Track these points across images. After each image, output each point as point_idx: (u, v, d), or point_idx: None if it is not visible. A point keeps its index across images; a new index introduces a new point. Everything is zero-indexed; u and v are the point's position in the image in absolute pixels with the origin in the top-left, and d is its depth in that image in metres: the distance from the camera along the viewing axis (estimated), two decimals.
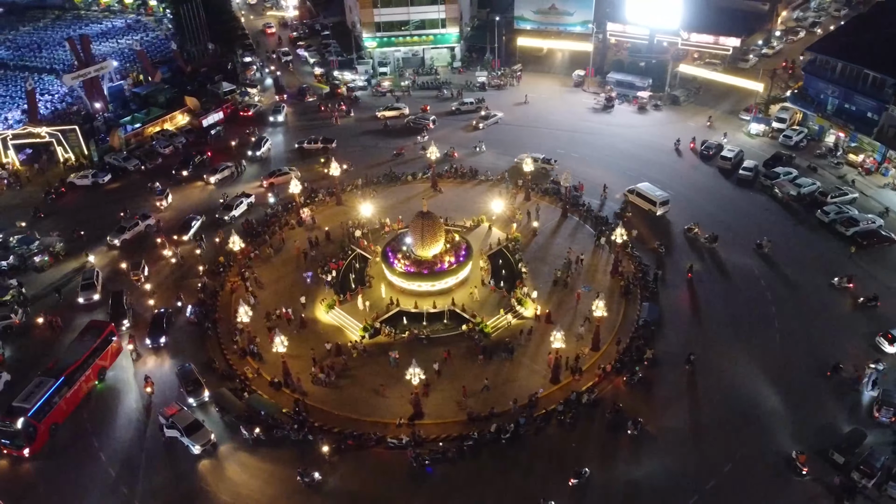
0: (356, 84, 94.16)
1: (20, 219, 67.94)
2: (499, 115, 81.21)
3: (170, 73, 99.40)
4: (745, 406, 45.28)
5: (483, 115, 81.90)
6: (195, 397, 47.12)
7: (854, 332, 50.49)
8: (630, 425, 43.40)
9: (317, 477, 41.16)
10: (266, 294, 56.76)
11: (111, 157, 78.25)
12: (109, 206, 69.77)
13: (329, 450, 42.70)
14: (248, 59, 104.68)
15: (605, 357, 49.40)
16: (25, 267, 61.67)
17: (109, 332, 50.42)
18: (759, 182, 68.68)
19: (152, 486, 42.04)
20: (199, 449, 43.37)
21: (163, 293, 57.06)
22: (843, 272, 55.98)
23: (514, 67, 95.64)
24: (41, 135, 78.17)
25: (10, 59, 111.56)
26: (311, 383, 48.27)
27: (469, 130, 79.74)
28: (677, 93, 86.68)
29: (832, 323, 51.58)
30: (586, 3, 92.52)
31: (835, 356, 48.01)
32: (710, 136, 77.12)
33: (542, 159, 71.47)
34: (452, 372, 48.70)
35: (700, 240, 60.64)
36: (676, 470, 41.45)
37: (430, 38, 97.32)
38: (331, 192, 68.59)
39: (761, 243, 58.97)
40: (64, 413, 45.88)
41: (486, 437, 43.55)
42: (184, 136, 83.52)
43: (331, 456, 42.58)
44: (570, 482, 40.44)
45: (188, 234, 63.50)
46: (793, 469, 40.83)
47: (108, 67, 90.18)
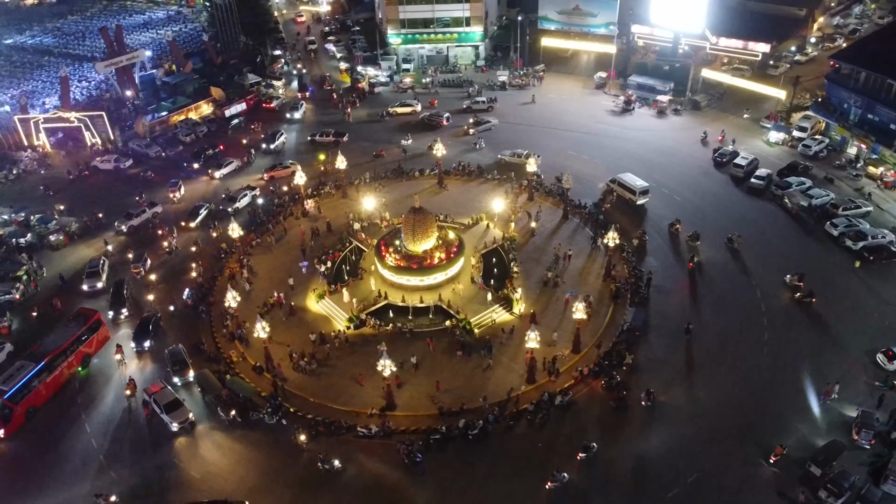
0: (378, 80, 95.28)
1: (44, 199, 71.09)
2: (493, 122, 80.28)
3: (201, 64, 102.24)
4: (722, 416, 44.57)
5: (475, 120, 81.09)
6: (180, 377, 48.75)
7: (845, 348, 49.05)
8: (643, 396, 44.75)
9: (336, 464, 41.76)
10: (261, 282, 58.13)
11: (134, 143, 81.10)
12: (128, 190, 72.27)
13: (307, 438, 43.39)
14: (277, 52, 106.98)
15: (585, 360, 49.14)
16: (42, 245, 64.46)
17: (96, 320, 51.51)
18: (770, 191, 67.04)
19: (129, 457, 43.68)
20: (177, 426, 44.90)
21: (161, 289, 57.86)
22: (846, 287, 54.59)
23: (536, 68, 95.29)
24: (70, 119, 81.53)
25: (56, 46, 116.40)
26: (292, 370, 49.29)
27: (460, 135, 79.51)
28: (698, 98, 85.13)
29: (825, 339, 50.11)
30: (610, 4, 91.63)
31: (824, 373, 46.76)
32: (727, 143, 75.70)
33: (524, 154, 72.12)
34: (430, 366, 49.18)
35: (683, 236, 60.88)
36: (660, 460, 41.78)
37: (454, 37, 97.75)
38: (337, 184, 69.71)
39: (732, 238, 59.41)
40: (43, 397, 47.03)
41: (453, 433, 43.88)
42: (206, 125, 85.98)
43: (308, 444, 43.21)
44: (578, 456, 41.52)
45: (195, 222, 65.30)
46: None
47: (139, 57, 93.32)
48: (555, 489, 40.10)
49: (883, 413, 43.60)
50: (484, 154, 75.95)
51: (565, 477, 40.47)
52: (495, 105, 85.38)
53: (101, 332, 51.90)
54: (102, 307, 54.83)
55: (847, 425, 43.25)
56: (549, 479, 40.32)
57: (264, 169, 74.12)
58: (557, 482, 40.18)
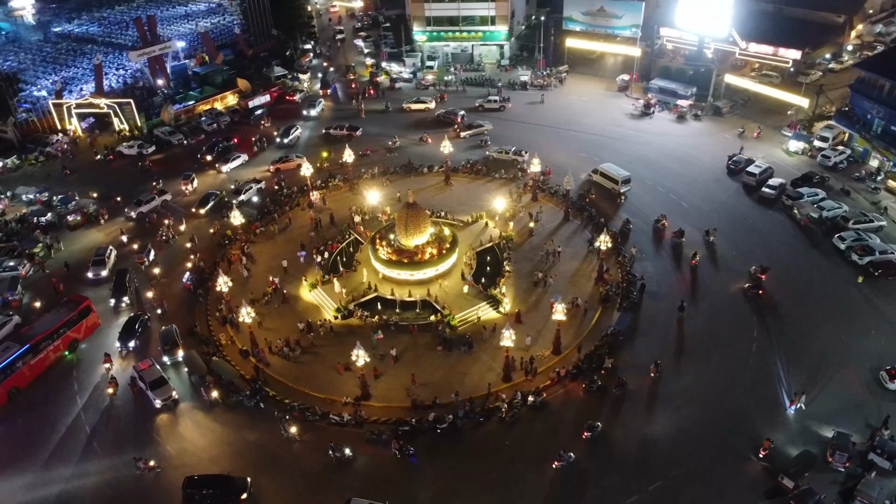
0: (401, 76, 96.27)
1: (69, 180, 74.33)
2: (486, 127, 79.80)
3: (232, 56, 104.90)
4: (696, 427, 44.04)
5: (467, 124, 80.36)
6: (170, 356, 50.52)
7: (836, 363, 47.72)
8: (653, 367, 46.79)
9: (347, 453, 42.39)
10: (260, 269, 59.64)
11: (159, 131, 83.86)
12: (148, 175, 74.90)
13: (297, 430, 44.01)
14: (307, 46, 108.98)
15: (565, 362, 49.05)
16: (61, 224, 67.39)
17: (86, 306, 52.86)
18: (781, 201, 65.48)
19: (112, 430, 45.61)
20: (160, 403, 46.63)
21: (159, 285, 58.57)
22: (847, 301, 53.18)
23: (559, 68, 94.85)
24: (100, 106, 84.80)
25: (100, 35, 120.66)
26: (276, 355, 50.53)
27: (451, 137, 78.42)
28: (720, 103, 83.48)
29: (815, 352, 48.85)
30: (635, 7, 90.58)
31: (810, 386, 45.81)
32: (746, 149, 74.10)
33: (513, 151, 73.33)
34: (410, 359, 49.82)
35: (667, 233, 61.20)
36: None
37: (478, 35, 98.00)
38: (345, 178, 70.87)
39: (709, 231, 60.09)
40: (26, 378, 48.46)
41: (423, 426, 44.41)
42: (229, 115, 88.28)
43: (302, 435, 43.88)
44: (584, 435, 42.49)
45: (205, 209, 67.22)
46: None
47: (171, 47, 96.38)
48: (561, 468, 40.99)
49: (863, 435, 42.36)
50: (478, 152, 76.36)
51: (571, 456, 41.31)
52: (508, 105, 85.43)
53: (91, 319, 53.07)
54: (104, 296, 56.42)
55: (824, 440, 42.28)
56: (556, 458, 41.10)
57: (271, 161, 75.65)
58: (564, 462, 41.03)
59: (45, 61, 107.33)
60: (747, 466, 41.29)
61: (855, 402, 44.88)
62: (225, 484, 40.45)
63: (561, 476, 41.10)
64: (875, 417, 43.38)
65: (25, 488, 41.67)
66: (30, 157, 79.93)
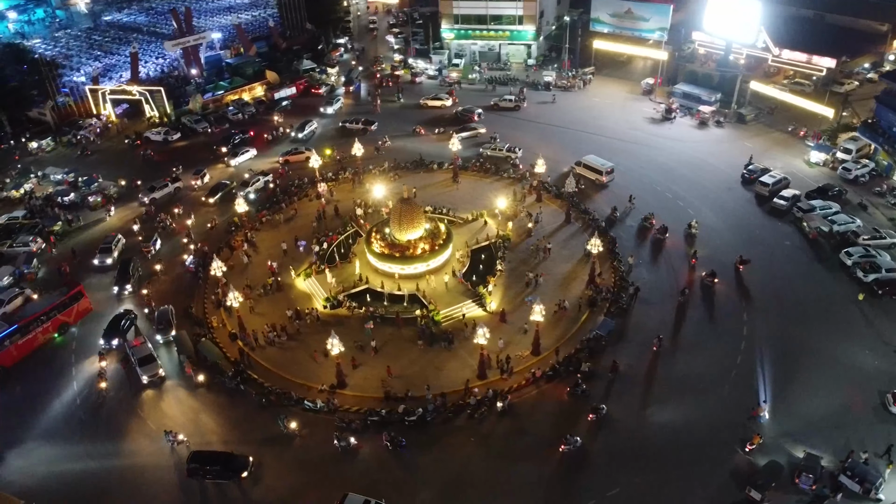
0: (426, 72, 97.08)
1: (96, 162, 77.76)
2: (480, 130, 79.61)
3: (266, 48, 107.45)
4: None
5: (460, 127, 79.84)
6: (163, 335, 52.51)
7: (819, 383, 46.42)
8: (656, 341, 48.64)
9: (353, 441, 43.16)
10: (261, 257, 61.24)
11: (186, 118, 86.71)
12: (171, 161, 77.61)
13: (297, 426, 44.67)
14: (340, 41, 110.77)
15: (543, 363, 49.00)
16: (82, 204, 70.52)
17: (77, 291, 54.39)
18: (792, 213, 63.72)
19: (100, 402, 47.75)
20: (147, 379, 48.59)
21: (159, 282, 59.39)
22: (844, 318, 51.58)
23: (584, 70, 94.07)
24: (132, 93, 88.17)
25: (146, 24, 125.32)
26: (263, 341, 51.96)
27: (444, 139, 78.49)
28: (744, 111, 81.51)
29: (802, 367, 47.54)
30: (663, 10, 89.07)
31: (787, 403, 44.74)
32: (766, 159, 72.30)
33: (507, 148, 74.12)
34: (390, 352, 50.56)
35: (653, 230, 61.62)
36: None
37: (506, 34, 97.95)
38: (354, 171, 72.05)
39: (690, 224, 60.90)
40: (13, 357, 50.17)
41: (392, 417, 45.10)
42: (254, 106, 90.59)
43: (301, 431, 44.56)
44: (589, 417, 43.81)
45: (214, 198, 69.17)
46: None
47: (205, 38, 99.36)
48: (568, 452, 41.95)
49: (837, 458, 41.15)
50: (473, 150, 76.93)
51: (578, 441, 42.22)
52: (523, 105, 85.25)
53: (83, 304, 54.63)
54: (107, 283, 58.37)
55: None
56: (563, 442, 42.00)
57: (281, 153, 77.34)
58: (570, 446, 41.94)
59: (92, 48, 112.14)
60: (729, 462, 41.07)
61: (836, 423, 43.53)
62: (228, 461, 41.80)
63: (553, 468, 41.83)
64: (857, 439, 42.00)
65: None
66: (63, 139, 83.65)
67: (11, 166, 78.26)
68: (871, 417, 43.78)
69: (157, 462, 43.22)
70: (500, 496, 40.37)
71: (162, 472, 42.65)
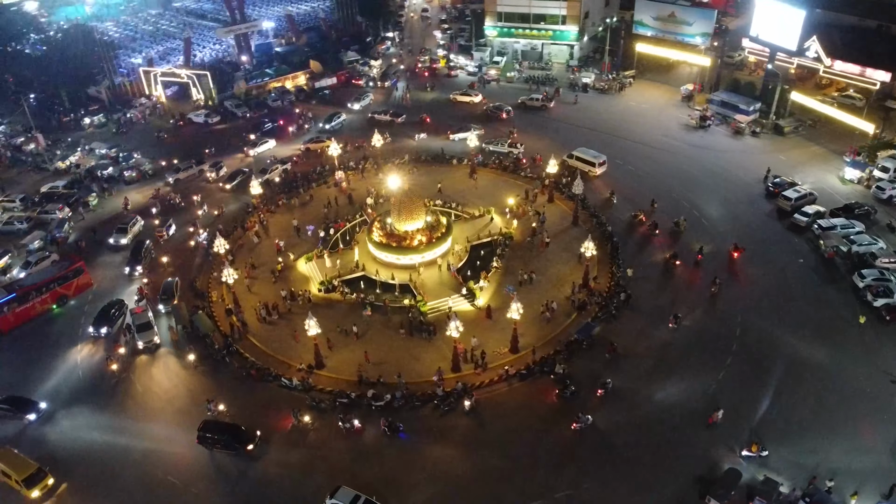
0: (466, 68, 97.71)
1: (141, 140, 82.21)
2: (477, 131, 78.54)
3: (316, 39, 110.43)
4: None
5: (457, 127, 79.83)
6: (164, 305, 55.31)
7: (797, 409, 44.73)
8: (671, 319, 50.27)
9: (356, 424, 44.14)
10: (271, 238, 63.38)
11: (228, 103, 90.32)
12: (208, 142, 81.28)
13: (311, 418, 45.31)
14: (389, 34, 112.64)
15: (519, 361, 49.06)
16: (119, 178, 74.74)
17: (78, 266, 57.14)
18: (811, 230, 61.17)
19: (98, 362, 50.86)
20: (142, 345, 51.39)
21: (174, 256, 61.87)
22: (840, 343, 49.36)
23: (625, 73, 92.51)
24: (181, 76, 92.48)
25: (210, 11, 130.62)
26: (256, 318, 54.05)
27: (442, 138, 79.43)
28: (782, 122, 78.42)
29: (782, 396, 45.90)
30: (707, 14, 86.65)
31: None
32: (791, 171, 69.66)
33: (508, 143, 75.09)
34: (372, 338, 51.71)
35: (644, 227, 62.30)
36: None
37: (548, 34, 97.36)
38: (374, 162, 73.51)
39: (678, 221, 61.28)
40: (10, 323, 52.95)
41: (360, 401, 46.22)
42: (294, 94, 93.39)
43: (314, 423, 45.08)
44: (598, 393, 45.16)
45: (231, 184, 71.45)
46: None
47: (256, 26, 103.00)
48: (580, 429, 43.12)
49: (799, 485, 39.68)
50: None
51: (589, 419, 43.20)
52: (549, 104, 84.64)
53: (83, 279, 57.27)
54: (118, 263, 60.99)
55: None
56: (575, 420, 43.13)
57: (303, 140, 79.54)
58: (582, 424, 43.00)
59: (157, 33, 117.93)
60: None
61: (811, 449, 41.94)
62: (235, 432, 43.40)
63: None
64: (828, 467, 40.38)
65: None
66: (114, 117, 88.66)
67: (63, 139, 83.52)
68: (849, 444, 41.94)
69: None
70: (492, 485, 40.90)
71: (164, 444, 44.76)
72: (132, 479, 42.10)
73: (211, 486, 41.87)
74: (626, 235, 61.74)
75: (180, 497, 41.00)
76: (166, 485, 41.66)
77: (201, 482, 42.03)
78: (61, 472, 42.43)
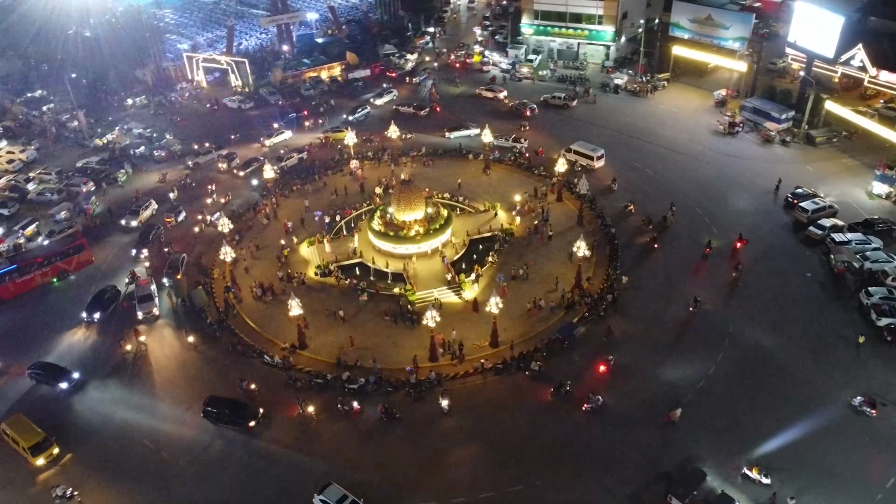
0: (500, 65, 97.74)
1: (176, 123, 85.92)
2: (473, 131, 78.59)
3: (358, 31, 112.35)
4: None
5: (454, 126, 79.78)
6: (169, 279, 57.69)
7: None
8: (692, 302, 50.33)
9: (355, 405, 45.10)
10: (279, 221, 65.23)
11: (263, 90, 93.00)
12: (237, 127, 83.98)
13: (316, 410, 45.47)
14: (430, 29, 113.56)
15: (497, 355, 49.17)
16: (149, 157, 78.16)
17: (80, 243, 59.83)
18: (825, 244, 58.89)
19: (101, 328, 53.61)
20: (142, 315, 53.84)
21: (181, 241, 63.52)
22: (837, 362, 47.52)
23: (659, 76, 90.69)
24: (220, 62, 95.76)
25: (263, 2, 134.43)
26: (252, 297, 55.86)
27: (440, 136, 79.36)
28: (815, 132, 75.46)
29: (763, 413, 44.56)
30: (744, 18, 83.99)
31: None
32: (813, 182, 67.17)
33: (512, 139, 75.77)
34: (357, 323, 52.75)
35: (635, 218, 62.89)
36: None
37: (584, 33, 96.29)
38: (390, 153, 74.55)
39: (667, 216, 61.64)
40: (10, 292, 55.89)
41: (335, 383, 47.27)
42: (327, 84, 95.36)
43: (320, 415, 45.28)
44: (601, 367, 46.63)
45: (245, 171, 73.22)
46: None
47: (298, 17, 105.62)
48: (591, 409, 44.13)
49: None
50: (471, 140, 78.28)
51: (599, 399, 44.02)
52: (572, 104, 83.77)
53: (84, 255, 59.69)
54: (126, 243, 63.36)
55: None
56: (586, 401, 44.06)
57: (323, 130, 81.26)
58: (592, 404, 43.99)
59: (210, 21, 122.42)
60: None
61: (777, 466, 40.66)
62: (239, 408, 44.82)
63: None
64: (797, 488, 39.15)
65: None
66: (155, 98, 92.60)
67: (104, 118, 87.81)
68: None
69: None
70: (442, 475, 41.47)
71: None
72: (136, 454, 43.48)
73: (208, 461, 43.07)
74: (630, 240, 60.82)
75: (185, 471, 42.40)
76: (163, 461, 43.03)
77: (202, 457, 43.39)
78: (71, 442, 44.19)
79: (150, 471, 42.41)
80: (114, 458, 43.35)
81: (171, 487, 41.43)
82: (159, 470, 42.45)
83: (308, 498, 39.71)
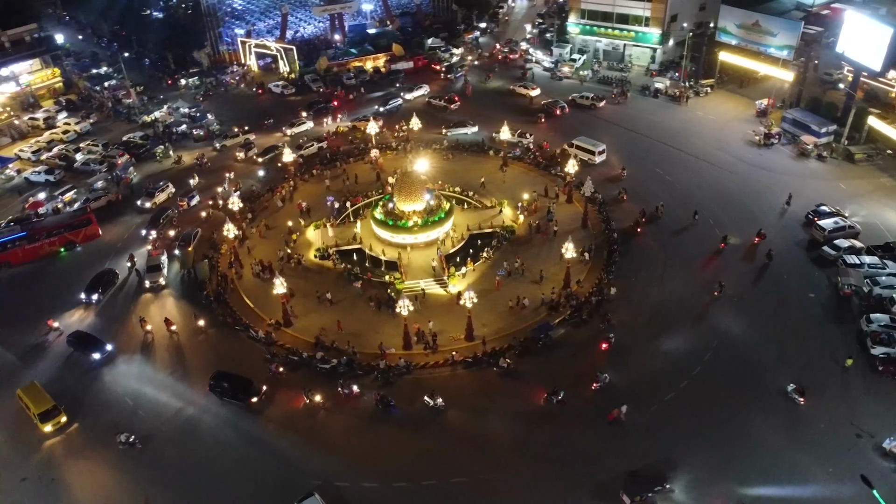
0: (543, 64, 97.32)
1: (222, 102, 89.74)
2: (471, 130, 78.55)
3: (410, 24, 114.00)
4: None
5: (453, 124, 79.75)
6: (179, 250, 61.01)
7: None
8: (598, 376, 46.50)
9: (355, 389, 46.21)
10: (294, 204, 67.71)
11: (307, 77, 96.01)
12: (274, 111, 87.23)
13: (322, 399, 46.31)
14: (482, 24, 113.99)
15: (469, 349, 49.78)
16: (189, 135, 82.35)
17: (87, 217, 62.70)
18: (837, 266, 56.31)
19: (110, 297, 57.21)
20: (148, 284, 57.27)
21: (188, 226, 64.94)
22: (823, 387, 45.59)
23: (703, 82, 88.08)
24: (271, 48, 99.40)
25: None
26: (251, 274, 58.44)
27: (435, 135, 79.22)
28: (855, 149, 71.78)
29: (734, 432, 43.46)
30: (793, 26, 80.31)
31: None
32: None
33: (519, 133, 75.79)
34: (343, 307, 54.37)
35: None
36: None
37: (630, 35, 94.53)
38: (412, 145, 75.87)
39: (658, 207, 62.36)
40: (19, 258, 59.09)
41: (310, 361, 49.07)
42: (369, 75, 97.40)
43: (325, 404, 46.04)
44: (603, 346, 48.32)
45: (264, 158, 75.42)
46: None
47: (350, 7, 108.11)
48: (599, 388, 45.32)
49: None
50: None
51: (607, 378, 45.32)
52: (599, 104, 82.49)
53: (91, 229, 62.51)
54: (138, 223, 65.80)
55: None
56: (594, 380, 45.23)
57: (352, 119, 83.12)
58: (601, 383, 45.25)
59: (272, 7, 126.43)
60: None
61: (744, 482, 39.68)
62: (243, 385, 46.20)
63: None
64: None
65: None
66: (207, 80, 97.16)
67: (156, 96, 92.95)
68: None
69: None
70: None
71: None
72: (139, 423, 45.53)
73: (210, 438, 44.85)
74: (631, 247, 59.99)
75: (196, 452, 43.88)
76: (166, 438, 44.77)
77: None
78: (81, 414, 46.22)
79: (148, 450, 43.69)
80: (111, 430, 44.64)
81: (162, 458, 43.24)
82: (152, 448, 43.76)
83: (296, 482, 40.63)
